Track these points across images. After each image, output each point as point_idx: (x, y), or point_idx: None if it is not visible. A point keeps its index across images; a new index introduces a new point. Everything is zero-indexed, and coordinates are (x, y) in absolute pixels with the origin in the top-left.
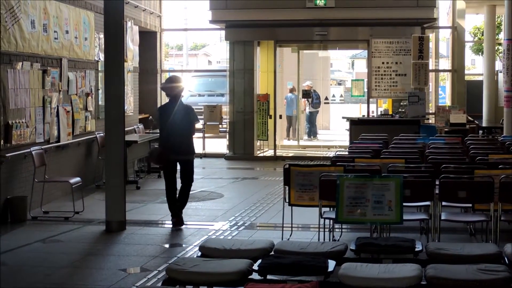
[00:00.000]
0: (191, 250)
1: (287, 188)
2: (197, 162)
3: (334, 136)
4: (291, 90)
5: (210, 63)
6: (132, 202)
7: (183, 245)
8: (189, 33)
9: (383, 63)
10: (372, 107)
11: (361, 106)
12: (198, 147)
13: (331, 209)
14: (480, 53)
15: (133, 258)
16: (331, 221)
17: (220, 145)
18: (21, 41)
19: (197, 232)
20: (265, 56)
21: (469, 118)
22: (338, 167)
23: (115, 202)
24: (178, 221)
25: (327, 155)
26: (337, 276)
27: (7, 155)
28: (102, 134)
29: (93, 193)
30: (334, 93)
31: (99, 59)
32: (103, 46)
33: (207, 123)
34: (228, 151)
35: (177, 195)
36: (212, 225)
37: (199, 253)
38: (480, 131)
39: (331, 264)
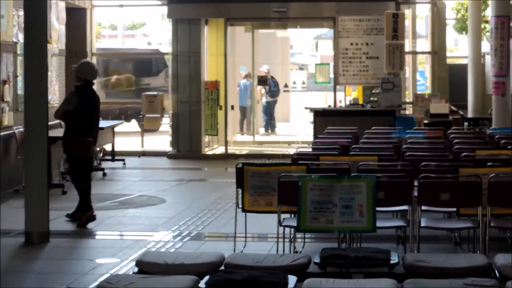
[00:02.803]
0: (127, 265)
1: (240, 191)
2: (134, 161)
3: (295, 130)
4: (245, 77)
5: (150, 45)
6: (57, 210)
7: (117, 260)
8: (125, 9)
9: (351, 44)
10: (340, 95)
11: (327, 95)
12: (135, 144)
13: (292, 215)
14: (464, 32)
15: (57, 276)
16: (292, 229)
17: (161, 141)
18: None
19: (133, 244)
20: (214, 36)
21: (453, 108)
22: (300, 166)
23: (36, 209)
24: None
25: (287, 153)
26: None
27: None
28: (21, 129)
29: (10, 200)
30: (295, 79)
31: (18, 40)
32: (23, 25)
33: (146, 115)
34: (171, 149)
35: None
36: (152, 235)
37: (136, 269)
38: (466, 123)
39: (292, 280)
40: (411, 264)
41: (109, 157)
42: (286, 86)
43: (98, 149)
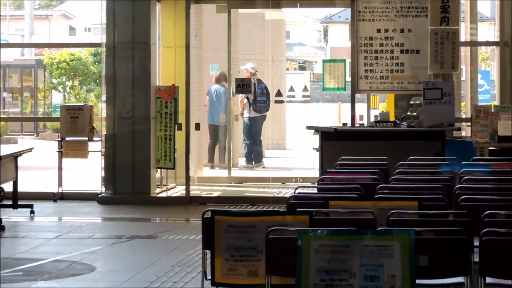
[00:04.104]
0: None
1: (208, 254)
2: (48, 209)
3: (292, 160)
4: (218, 80)
5: (73, 31)
6: None
7: None
8: None
9: (378, 31)
10: (360, 108)
11: (341, 108)
12: (50, 181)
13: None
14: None
15: None
16: None
17: (90, 178)
18: None
19: None
20: (171, 19)
21: None
22: (300, 216)
23: None
24: None
25: (280, 195)
26: None
27: None
28: None
29: None
30: (293, 84)
31: None
32: None
33: (66, 138)
34: (104, 189)
35: None
36: None
37: None
38: None
39: None
40: None
41: (10, 203)
42: (279, 94)
43: None
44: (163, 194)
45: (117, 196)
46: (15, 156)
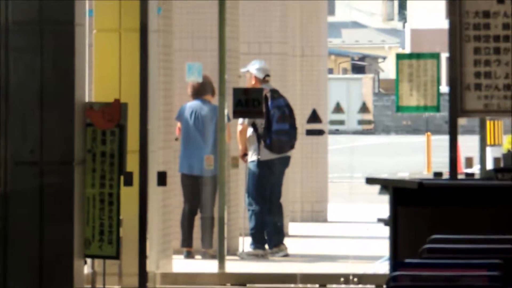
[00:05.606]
0: None
1: None
2: None
3: (339, 243)
4: (199, 92)
5: None
6: None
7: None
8: None
9: (501, 0)
10: (469, 145)
11: (431, 144)
12: None
13: None
14: None
15: None
16: None
17: None
18: None
19: None
20: None
21: None
22: None
23: None
24: None
25: None
26: None
27: None
28: None
29: None
30: (342, 98)
31: None
32: None
33: None
34: None
35: None
36: None
37: None
38: None
39: None
40: None
41: None
42: (315, 117)
43: None
44: None
45: None
46: None
